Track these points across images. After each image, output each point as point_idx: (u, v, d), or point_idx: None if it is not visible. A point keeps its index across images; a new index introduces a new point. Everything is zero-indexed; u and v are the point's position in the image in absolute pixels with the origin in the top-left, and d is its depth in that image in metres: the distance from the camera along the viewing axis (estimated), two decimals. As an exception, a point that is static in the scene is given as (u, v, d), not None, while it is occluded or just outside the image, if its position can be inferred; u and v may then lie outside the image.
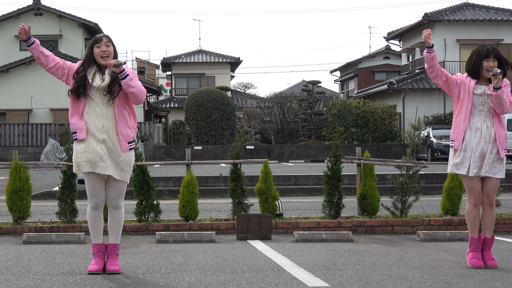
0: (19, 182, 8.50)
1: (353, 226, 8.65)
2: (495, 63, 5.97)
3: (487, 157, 5.96)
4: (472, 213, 6.08)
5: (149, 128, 32.88)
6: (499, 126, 6.00)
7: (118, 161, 5.69)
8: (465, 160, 6.01)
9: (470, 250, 6.13)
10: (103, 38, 5.74)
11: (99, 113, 5.67)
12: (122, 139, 5.69)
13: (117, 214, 5.82)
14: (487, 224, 6.11)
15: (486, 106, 6.00)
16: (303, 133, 38.22)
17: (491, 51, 5.97)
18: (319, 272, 5.84)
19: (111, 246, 5.82)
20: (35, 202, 12.05)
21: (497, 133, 5.97)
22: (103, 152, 5.64)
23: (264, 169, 8.90)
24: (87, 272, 5.72)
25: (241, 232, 8.06)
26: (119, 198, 5.81)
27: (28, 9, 37.98)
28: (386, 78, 45.89)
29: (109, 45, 5.72)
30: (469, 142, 6.00)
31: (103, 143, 5.65)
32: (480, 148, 5.97)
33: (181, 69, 49.80)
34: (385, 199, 9.57)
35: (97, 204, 5.78)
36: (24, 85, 33.79)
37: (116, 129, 5.69)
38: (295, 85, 68.29)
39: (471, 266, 6.05)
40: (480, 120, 6.01)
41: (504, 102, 5.91)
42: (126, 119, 5.74)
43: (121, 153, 5.69)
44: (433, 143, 27.92)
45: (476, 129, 5.99)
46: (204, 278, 5.58)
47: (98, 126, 5.65)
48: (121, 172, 5.72)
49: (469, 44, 35.41)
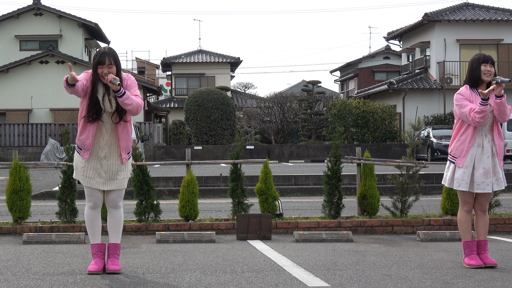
0: (19, 182, 8.50)
1: (353, 226, 8.65)
2: (492, 69, 6.10)
3: (491, 172, 6.07)
4: (465, 219, 6.19)
5: (149, 128, 32.87)
6: (498, 138, 6.11)
7: (117, 172, 5.76)
8: (465, 176, 6.10)
9: (465, 254, 6.17)
10: (106, 59, 5.61)
11: (104, 131, 5.73)
12: (123, 152, 5.77)
13: (116, 214, 5.84)
14: (480, 229, 6.20)
15: (488, 121, 6.10)
16: (303, 133, 38.22)
17: (488, 57, 6.13)
18: (319, 272, 5.84)
19: (112, 246, 5.83)
20: (35, 202, 12.05)
21: (497, 145, 6.10)
22: (102, 169, 5.74)
23: (264, 169, 8.90)
24: (87, 272, 5.73)
25: (241, 232, 8.06)
26: (118, 198, 5.86)
27: (28, 9, 37.96)
28: (386, 78, 45.88)
29: (111, 66, 5.63)
30: (471, 158, 6.10)
31: (104, 159, 5.74)
32: (484, 164, 6.06)
33: (181, 69, 49.79)
34: (385, 199, 9.57)
35: (95, 203, 5.82)
36: (24, 85, 33.78)
37: (118, 143, 5.76)
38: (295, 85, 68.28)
39: (470, 266, 6.08)
40: (481, 136, 6.11)
41: (507, 110, 6.03)
42: (128, 133, 5.80)
43: (121, 165, 5.78)
44: (433, 143, 27.91)
45: (478, 145, 6.10)
46: (204, 278, 5.58)
47: (101, 144, 5.73)
48: (119, 182, 5.79)
49: (469, 44, 35.41)
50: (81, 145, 5.74)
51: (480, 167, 6.06)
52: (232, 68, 51.04)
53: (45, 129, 32.37)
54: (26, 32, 37.96)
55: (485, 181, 6.06)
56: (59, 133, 31.50)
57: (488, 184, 6.06)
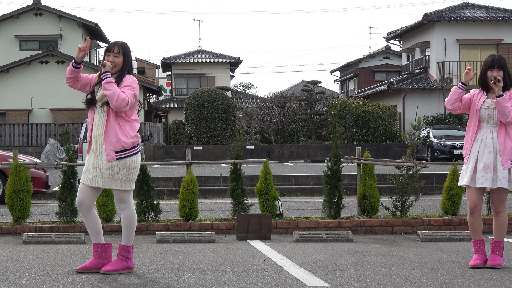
0: (19, 182, 8.50)
1: (353, 226, 8.65)
2: (500, 73, 6.09)
3: (492, 168, 6.05)
4: (470, 220, 6.22)
5: (149, 128, 32.87)
6: (505, 137, 6.07)
7: (103, 170, 5.64)
8: (467, 171, 6.14)
9: (474, 252, 6.25)
10: (115, 48, 5.68)
11: (96, 123, 5.71)
12: (108, 148, 5.62)
13: (122, 215, 5.79)
14: (495, 230, 6.24)
15: (492, 119, 6.11)
16: (303, 133, 38.21)
17: (495, 61, 6.12)
18: (319, 272, 5.84)
19: (120, 247, 5.79)
20: (35, 202, 12.05)
21: (501, 144, 6.05)
22: (90, 163, 5.68)
23: (264, 169, 8.90)
24: (76, 271, 5.73)
25: (241, 232, 8.06)
26: (119, 203, 5.77)
27: (28, 9, 37.97)
28: (386, 78, 45.86)
29: (118, 56, 5.67)
30: (474, 153, 6.13)
31: (93, 153, 5.69)
32: (485, 159, 6.06)
33: (181, 69, 49.78)
34: (385, 199, 9.57)
35: (81, 201, 5.74)
36: (24, 85, 33.77)
37: (104, 138, 5.65)
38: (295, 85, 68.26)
39: (470, 266, 6.11)
40: (486, 132, 6.13)
41: (506, 110, 5.98)
42: (117, 129, 5.63)
43: (106, 162, 5.63)
44: (433, 143, 27.90)
45: (481, 140, 6.12)
46: (204, 278, 5.58)
47: (94, 136, 5.71)
48: (108, 181, 5.65)
49: (469, 44, 35.42)
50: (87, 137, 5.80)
51: (482, 162, 6.07)
52: (232, 68, 51.03)
53: (45, 129, 32.37)
54: (26, 32, 37.97)
55: (485, 176, 6.04)
56: (59, 133, 31.50)
57: (487, 179, 6.03)
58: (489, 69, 6.12)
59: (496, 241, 6.19)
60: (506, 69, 6.15)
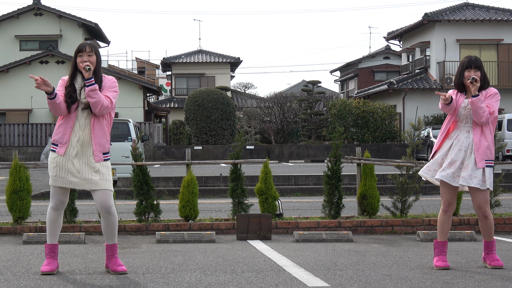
0: (19, 182, 8.50)
1: (353, 226, 8.65)
2: (477, 73, 6.05)
3: (463, 165, 5.99)
4: (440, 218, 6.16)
5: (149, 128, 32.88)
6: (480, 136, 6.02)
7: (91, 172, 5.62)
8: (432, 164, 6.12)
9: (435, 254, 6.16)
10: (86, 47, 5.66)
11: (77, 127, 5.65)
12: (96, 149, 5.63)
13: (110, 219, 5.72)
14: (484, 232, 6.17)
15: (470, 118, 6.07)
16: (303, 133, 38.22)
17: (473, 62, 6.08)
18: (319, 272, 5.85)
19: (109, 247, 5.78)
20: (35, 202, 12.04)
21: (476, 143, 6.00)
22: (74, 168, 5.61)
23: (264, 169, 8.90)
24: (40, 273, 5.68)
25: (241, 232, 8.06)
26: (106, 200, 5.67)
27: (28, 9, 37.98)
28: (386, 78, 45.88)
29: (91, 55, 5.66)
30: (443, 149, 6.11)
31: (76, 158, 5.62)
32: (454, 155, 6.02)
33: (181, 69, 49.78)
34: (385, 199, 9.58)
35: (57, 205, 5.73)
36: (24, 85, 33.76)
37: (92, 140, 5.64)
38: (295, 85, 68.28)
39: (437, 267, 6.04)
40: (463, 131, 6.09)
41: (480, 110, 5.92)
42: (104, 130, 5.68)
43: (94, 163, 5.63)
44: (433, 143, 27.92)
45: (455, 138, 6.09)
46: (204, 278, 5.58)
47: (73, 141, 5.63)
48: (95, 182, 5.62)
49: (469, 44, 35.42)
50: (58, 140, 5.64)
51: (449, 158, 6.03)
52: (232, 68, 51.03)
53: (45, 129, 32.38)
54: (26, 32, 37.98)
55: (447, 171, 5.98)
56: (59, 133, 31.48)
57: (452, 176, 5.97)
58: (466, 69, 6.07)
59: (489, 242, 6.15)
60: (483, 70, 6.11)
